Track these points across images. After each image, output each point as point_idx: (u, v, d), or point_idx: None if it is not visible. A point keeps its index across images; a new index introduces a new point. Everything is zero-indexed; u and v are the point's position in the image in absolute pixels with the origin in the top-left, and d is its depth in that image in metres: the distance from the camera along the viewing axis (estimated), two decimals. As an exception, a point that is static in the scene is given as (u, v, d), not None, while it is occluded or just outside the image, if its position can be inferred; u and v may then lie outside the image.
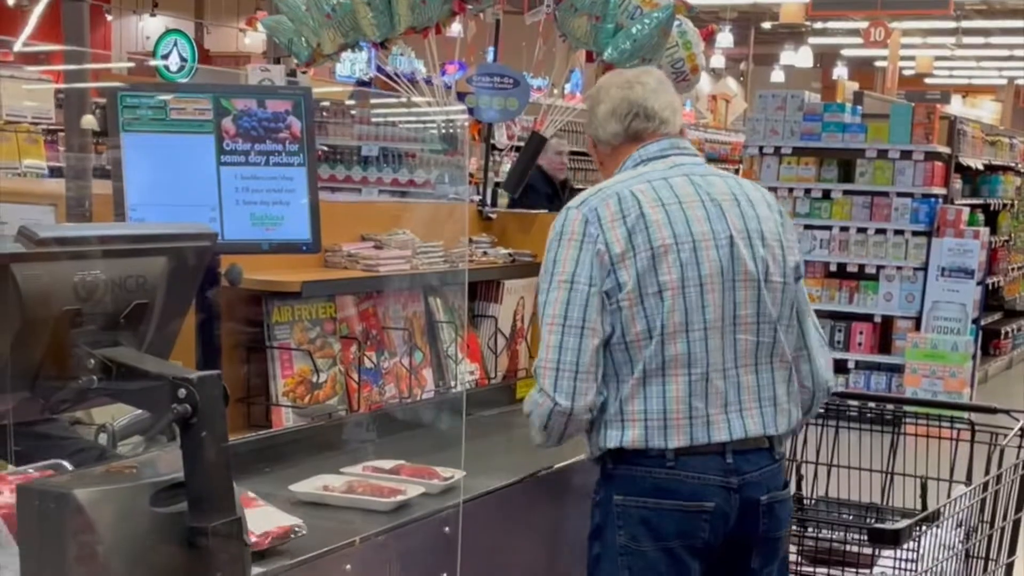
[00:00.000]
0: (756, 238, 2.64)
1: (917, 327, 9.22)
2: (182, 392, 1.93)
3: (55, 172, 6.90)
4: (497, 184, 4.19)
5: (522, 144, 4.16)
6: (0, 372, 1.89)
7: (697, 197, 2.62)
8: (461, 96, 3.94)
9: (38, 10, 15.40)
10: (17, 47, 13.46)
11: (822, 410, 3.33)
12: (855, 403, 3.64)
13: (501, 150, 4.40)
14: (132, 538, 1.95)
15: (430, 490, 2.66)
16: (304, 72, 3.97)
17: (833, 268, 9.55)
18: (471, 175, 5.44)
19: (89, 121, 4.05)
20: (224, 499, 1.99)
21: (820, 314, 3.53)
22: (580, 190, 3.25)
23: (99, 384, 1.98)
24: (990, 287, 10.68)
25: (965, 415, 3.52)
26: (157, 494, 1.99)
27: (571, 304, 2.53)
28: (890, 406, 3.77)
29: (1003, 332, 11.72)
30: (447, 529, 2.53)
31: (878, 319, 9.44)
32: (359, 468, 2.80)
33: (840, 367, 8.97)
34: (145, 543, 1.96)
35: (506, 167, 4.42)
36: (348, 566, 2.33)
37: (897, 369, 9.24)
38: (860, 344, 9.48)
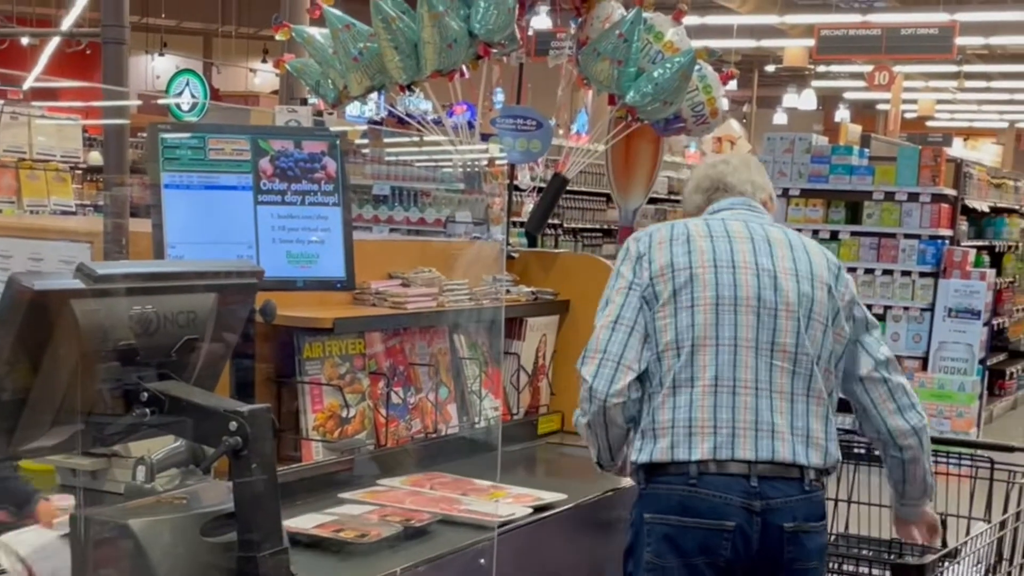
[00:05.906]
0: (804, 278, 2.79)
1: (924, 367, 9.26)
2: (233, 425, 1.98)
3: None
4: (520, 224, 4.26)
5: (544, 185, 4.24)
6: (60, 406, 1.93)
7: (748, 236, 2.81)
8: (485, 137, 4.01)
9: (49, 49, 15.54)
10: (27, 84, 13.59)
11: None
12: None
13: (523, 190, 4.46)
14: (184, 567, 1.99)
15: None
16: (330, 114, 4.04)
17: (840, 308, 9.57)
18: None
19: (94, 158, 4.11)
20: (272, 529, 2.03)
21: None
22: None
23: (151, 417, 2.03)
24: (995, 328, 10.73)
25: (983, 453, 3.57)
26: (207, 524, 2.04)
27: (624, 307, 2.75)
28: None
29: (1008, 373, 11.76)
30: (482, 561, 2.58)
31: (885, 359, 9.44)
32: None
33: (846, 406, 8.95)
34: (196, 572, 2.00)
35: (528, 207, 4.48)
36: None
37: (905, 409, 9.23)
38: (868, 384, 9.49)
